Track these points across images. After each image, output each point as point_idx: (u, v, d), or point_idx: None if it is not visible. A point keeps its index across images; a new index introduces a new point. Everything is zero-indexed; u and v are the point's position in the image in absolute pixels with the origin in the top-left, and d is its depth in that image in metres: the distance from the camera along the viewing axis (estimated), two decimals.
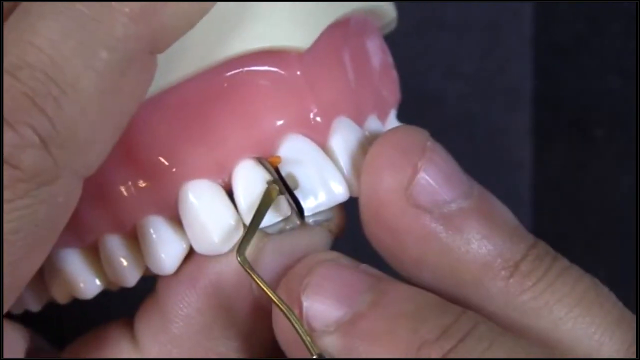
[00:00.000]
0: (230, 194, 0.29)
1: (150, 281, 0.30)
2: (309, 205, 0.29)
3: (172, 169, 0.29)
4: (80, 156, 0.25)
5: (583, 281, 0.28)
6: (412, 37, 0.43)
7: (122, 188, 0.29)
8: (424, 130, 0.29)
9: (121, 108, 0.26)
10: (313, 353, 0.27)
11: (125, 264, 0.30)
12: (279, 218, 0.29)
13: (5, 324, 0.30)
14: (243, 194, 0.29)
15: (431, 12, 0.45)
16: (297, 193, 0.29)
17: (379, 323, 0.27)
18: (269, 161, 0.29)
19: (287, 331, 0.27)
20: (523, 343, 0.27)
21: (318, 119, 0.30)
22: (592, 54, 0.45)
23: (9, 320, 0.30)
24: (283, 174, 0.29)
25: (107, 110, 0.26)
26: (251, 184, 0.29)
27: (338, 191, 0.29)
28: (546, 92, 0.45)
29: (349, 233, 0.30)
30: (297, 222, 0.29)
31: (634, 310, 0.28)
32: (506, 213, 0.29)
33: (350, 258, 0.29)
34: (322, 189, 0.29)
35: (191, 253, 0.30)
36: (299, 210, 0.28)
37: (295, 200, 0.28)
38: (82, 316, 0.32)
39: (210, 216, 0.29)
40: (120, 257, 0.30)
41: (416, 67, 0.41)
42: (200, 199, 0.29)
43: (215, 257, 0.29)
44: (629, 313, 0.28)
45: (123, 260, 0.30)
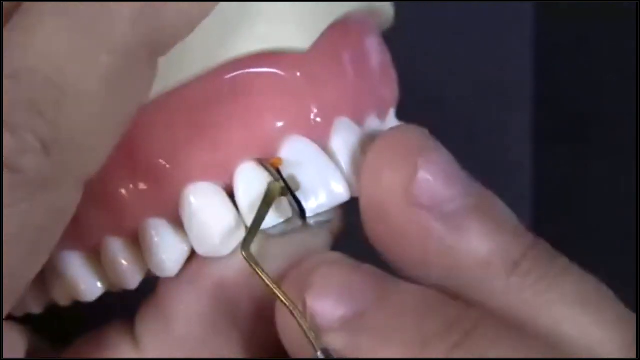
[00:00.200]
0: (231, 196, 0.29)
1: (150, 282, 0.30)
2: (311, 206, 0.29)
3: (173, 171, 0.29)
4: (80, 160, 0.25)
5: (583, 280, 0.28)
6: (412, 37, 0.43)
7: (123, 190, 0.29)
8: (424, 129, 0.29)
9: (122, 111, 0.26)
10: (317, 349, 0.27)
11: (126, 267, 0.30)
12: (281, 219, 0.29)
13: (5, 325, 0.30)
14: (244, 196, 0.29)
15: (431, 12, 0.45)
16: (299, 194, 0.29)
17: (384, 320, 0.27)
18: (271, 163, 0.29)
19: (291, 329, 0.27)
20: (527, 338, 0.27)
21: (318, 120, 0.30)
22: (592, 54, 0.45)
23: (9, 320, 0.30)
24: (284, 176, 0.29)
25: (108, 113, 0.26)
26: (252, 186, 0.29)
27: (339, 192, 0.29)
28: (546, 92, 0.45)
29: (350, 234, 0.30)
30: (299, 224, 0.29)
31: (634, 310, 0.28)
32: (506, 212, 0.29)
33: (352, 259, 0.29)
34: (324, 190, 0.29)
35: (193, 255, 0.30)
36: (301, 211, 0.28)
37: (297, 201, 0.28)
38: (83, 317, 0.32)
39: (211, 218, 0.29)
40: (121, 260, 0.30)
41: (416, 67, 0.41)
42: (201, 201, 0.29)
43: (216, 259, 0.29)
44: (629, 312, 0.28)
45: (124, 262, 0.30)
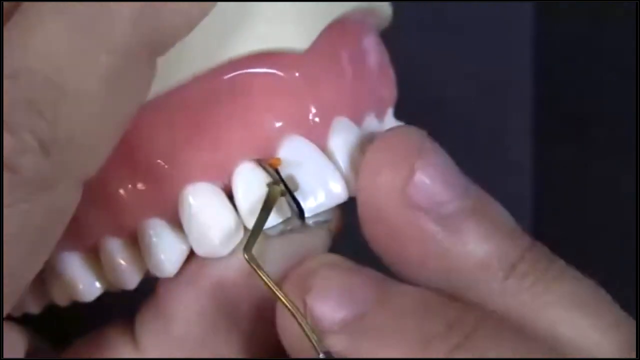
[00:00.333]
0: (230, 197, 0.29)
1: (150, 282, 0.30)
2: (310, 206, 0.29)
3: (172, 172, 0.29)
4: (79, 160, 0.25)
5: (580, 283, 0.28)
6: (412, 37, 0.43)
7: (122, 191, 0.29)
8: (422, 130, 0.29)
9: (121, 111, 0.26)
10: (319, 351, 0.27)
11: (125, 267, 0.30)
12: (279, 220, 0.29)
13: (5, 325, 0.30)
14: (243, 196, 0.29)
15: (431, 12, 0.45)
16: (297, 194, 0.29)
17: (384, 321, 0.27)
18: (269, 163, 0.29)
19: (292, 331, 0.27)
20: (527, 339, 0.27)
21: (317, 120, 0.30)
22: (592, 54, 0.45)
23: (9, 320, 0.30)
24: (283, 176, 0.29)
25: (107, 113, 0.26)
26: (251, 186, 0.29)
27: (338, 192, 0.29)
28: (546, 92, 0.45)
29: (349, 234, 0.30)
30: (298, 224, 0.29)
31: (634, 310, 0.28)
32: (503, 214, 0.29)
33: (351, 261, 0.29)
34: (322, 190, 0.29)
35: (192, 255, 0.30)
36: (300, 211, 0.29)
37: (295, 201, 0.28)
38: (82, 317, 0.32)
39: (210, 218, 0.29)
40: (120, 260, 0.30)
41: (416, 67, 0.41)
42: (200, 202, 0.29)
43: (215, 259, 0.29)
44: (626, 315, 0.28)
45: (123, 262, 0.30)
